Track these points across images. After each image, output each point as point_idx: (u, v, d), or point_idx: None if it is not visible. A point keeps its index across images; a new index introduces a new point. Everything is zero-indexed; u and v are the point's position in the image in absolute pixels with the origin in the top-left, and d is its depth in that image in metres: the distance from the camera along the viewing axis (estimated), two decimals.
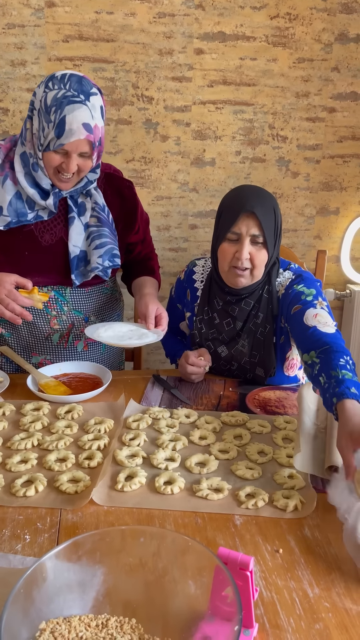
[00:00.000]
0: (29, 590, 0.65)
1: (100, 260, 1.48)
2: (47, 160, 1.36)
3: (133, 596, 0.74)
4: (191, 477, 1.08)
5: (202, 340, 1.58)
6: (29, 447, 1.17)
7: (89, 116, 1.31)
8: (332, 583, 0.82)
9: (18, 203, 1.42)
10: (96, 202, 1.51)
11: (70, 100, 1.29)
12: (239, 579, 0.69)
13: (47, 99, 1.30)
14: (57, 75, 1.33)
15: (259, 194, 1.43)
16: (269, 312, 1.49)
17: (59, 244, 1.49)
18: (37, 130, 1.34)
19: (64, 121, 1.29)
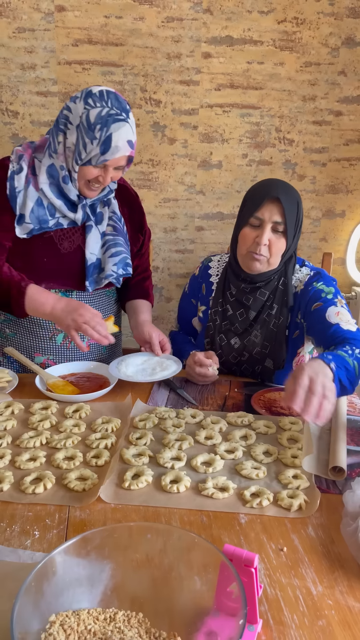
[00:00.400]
0: (40, 583, 0.67)
1: (115, 268, 1.53)
2: (83, 173, 1.41)
3: (140, 591, 0.75)
4: (197, 476, 1.09)
5: (215, 332, 1.60)
6: (38, 445, 1.19)
7: (131, 133, 1.38)
8: (335, 581, 0.84)
9: (40, 210, 1.45)
10: (114, 212, 1.57)
11: (115, 118, 1.35)
12: (243, 575, 0.71)
13: (89, 116, 1.35)
14: (94, 91, 1.37)
15: (286, 185, 1.48)
16: (283, 304, 1.53)
17: (76, 251, 1.53)
18: (73, 145, 1.38)
19: (110, 139, 1.35)
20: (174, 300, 2.52)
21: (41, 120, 2.19)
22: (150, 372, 1.49)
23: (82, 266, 1.54)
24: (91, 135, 1.35)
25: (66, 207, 1.46)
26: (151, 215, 2.38)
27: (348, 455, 1.15)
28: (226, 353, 1.59)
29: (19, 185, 1.44)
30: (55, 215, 1.47)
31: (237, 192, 2.38)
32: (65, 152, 1.41)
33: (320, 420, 1.09)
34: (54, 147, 1.42)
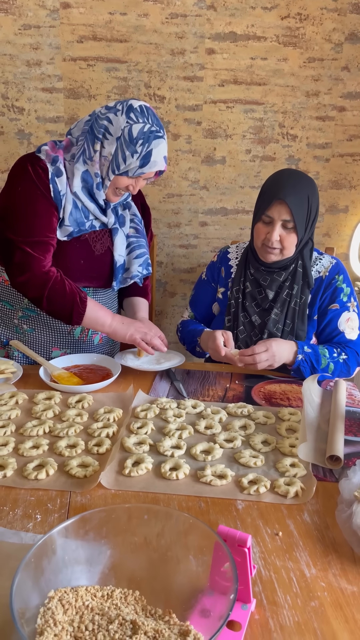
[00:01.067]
0: (39, 560, 0.69)
1: (140, 268, 1.64)
2: (117, 182, 1.49)
3: (137, 571, 0.78)
4: (196, 464, 1.12)
5: (238, 308, 1.67)
6: (41, 433, 1.22)
7: (165, 148, 1.47)
8: (328, 564, 0.86)
9: (77, 213, 1.51)
10: (134, 214, 1.67)
11: (155, 135, 1.44)
12: (237, 555, 0.73)
13: (132, 130, 1.41)
14: (135, 106, 1.43)
15: (295, 183, 1.53)
16: (305, 285, 1.62)
17: (107, 253, 1.61)
18: (110, 154, 1.44)
19: (150, 154, 1.43)
20: (177, 295, 2.54)
21: (47, 117, 2.21)
22: (156, 362, 1.57)
23: (110, 267, 1.63)
24: (132, 149, 1.42)
25: (99, 211, 1.54)
26: (155, 210, 2.40)
27: (345, 445, 1.17)
28: (247, 330, 1.66)
29: (62, 189, 1.47)
30: (89, 217, 1.54)
31: (240, 187, 2.39)
32: (101, 160, 1.46)
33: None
34: (89, 154, 1.46)
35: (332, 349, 1.56)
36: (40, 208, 1.46)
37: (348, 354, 1.58)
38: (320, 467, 1.12)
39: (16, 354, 1.66)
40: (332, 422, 1.24)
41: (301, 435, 1.17)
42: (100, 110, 1.47)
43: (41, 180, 1.46)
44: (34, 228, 1.46)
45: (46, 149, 1.49)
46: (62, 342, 1.66)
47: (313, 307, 1.64)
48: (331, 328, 1.62)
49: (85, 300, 1.49)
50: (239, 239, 2.47)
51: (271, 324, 1.61)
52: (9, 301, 1.64)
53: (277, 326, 1.62)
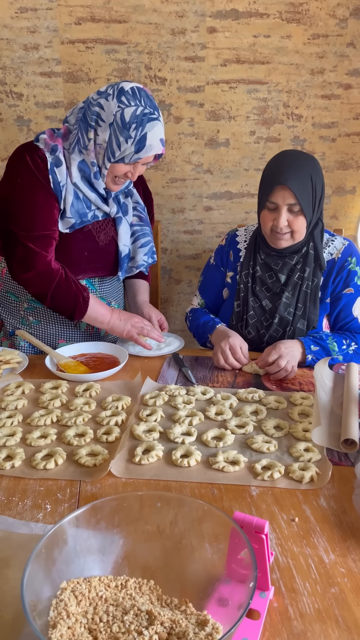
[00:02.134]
0: (50, 551, 0.67)
1: (145, 257, 1.62)
2: (114, 170, 1.44)
3: (151, 560, 0.75)
4: (207, 451, 1.09)
5: (247, 293, 1.63)
6: (48, 423, 1.20)
7: (162, 130, 1.42)
8: (347, 550, 0.83)
9: (78, 203, 1.47)
10: (137, 202, 1.63)
11: (149, 117, 1.38)
12: (254, 542, 0.70)
13: (124, 114, 1.36)
14: (127, 89, 1.37)
15: (295, 164, 1.49)
16: (317, 267, 1.58)
17: (111, 243, 1.58)
18: (104, 142, 1.39)
19: (145, 138, 1.38)
20: (183, 282, 2.51)
21: (46, 102, 2.17)
22: (156, 347, 1.57)
23: (116, 257, 1.60)
24: (126, 134, 1.37)
25: (100, 201, 1.51)
26: (158, 195, 2.36)
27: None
28: (258, 314, 1.63)
29: (62, 179, 1.44)
30: (91, 208, 1.50)
31: (245, 170, 2.34)
32: (95, 149, 1.42)
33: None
34: (83, 143, 1.43)
35: (342, 340, 1.52)
36: (41, 200, 1.43)
37: (359, 343, 1.54)
38: (335, 451, 1.09)
39: (22, 344, 1.63)
40: (346, 405, 1.21)
41: (315, 420, 1.14)
42: (92, 96, 1.42)
43: (40, 170, 1.42)
44: (35, 221, 1.43)
45: (44, 137, 1.45)
46: (68, 334, 1.64)
47: (325, 290, 1.60)
48: (345, 313, 1.58)
49: (87, 300, 1.49)
50: (245, 222, 2.43)
51: (282, 308, 1.58)
52: (14, 292, 1.62)
53: (289, 310, 1.58)
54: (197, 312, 1.75)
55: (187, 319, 1.77)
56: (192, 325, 1.73)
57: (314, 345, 1.49)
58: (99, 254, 1.56)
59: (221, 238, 2.31)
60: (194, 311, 1.76)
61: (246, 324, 1.63)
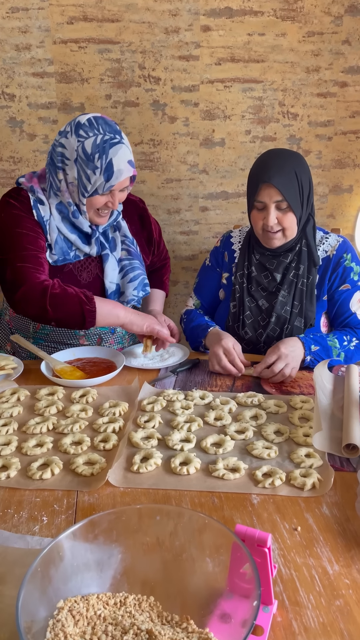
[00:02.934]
0: (46, 569, 0.65)
1: (135, 292, 1.56)
2: (91, 204, 1.44)
3: (151, 574, 0.73)
4: (207, 458, 1.07)
5: (243, 293, 1.62)
6: (44, 431, 1.17)
7: (129, 153, 1.41)
8: (352, 560, 0.81)
9: (62, 242, 1.48)
10: (125, 235, 1.60)
11: (110, 143, 1.37)
12: (257, 555, 0.68)
13: (85, 147, 1.36)
14: (83, 121, 1.38)
15: (278, 161, 1.48)
16: (311, 264, 1.57)
17: (95, 281, 1.55)
18: (75, 179, 1.40)
19: (112, 164, 1.37)
20: (180, 284, 2.49)
21: (38, 103, 2.14)
22: (160, 359, 1.54)
23: (101, 294, 1.56)
24: (92, 166, 1.36)
25: (80, 241, 1.49)
26: (154, 197, 2.33)
27: None
28: (254, 314, 1.61)
29: (45, 215, 1.46)
30: (72, 248, 1.50)
31: (241, 170, 2.32)
32: (69, 188, 1.43)
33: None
34: (56, 186, 1.44)
35: (342, 336, 1.51)
36: (26, 228, 1.43)
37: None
38: (337, 457, 1.07)
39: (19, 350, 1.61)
40: (347, 409, 1.19)
41: (315, 424, 1.12)
42: (56, 138, 1.44)
43: (24, 205, 1.45)
44: (21, 243, 1.41)
45: (23, 180, 1.49)
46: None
47: (322, 287, 1.59)
48: (343, 310, 1.57)
49: (92, 298, 1.39)
50: (242, 223, 2.40)
51: (279, 307, 1.56)
52: (21, 329, 1.60)
53: (285, 308, 1.57)
54: (192, 313, 1.72)
55: (182, 321, 1.75)
56: (186, 327, 1.70)
57: (314, 345, 1.46)
58: None
59: (217, 239, 2.29)
60: (188, 313, 1.74)
61: (243, 324, 1.61)
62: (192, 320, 1.68)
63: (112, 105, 2.19)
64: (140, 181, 2.30)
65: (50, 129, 2.19)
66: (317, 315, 1.59)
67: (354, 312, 1.57)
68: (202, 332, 1.58)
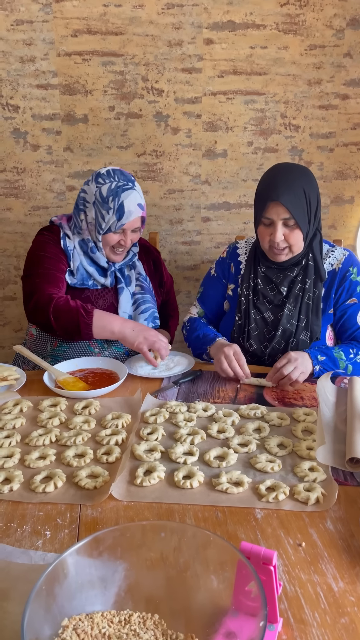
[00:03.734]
0: (51, 587, 0.64)
1: (146, 322, 1.69)
2: (106, 241, 1.62)
3: (155, 591, 0.73)
4: (210, 471, 1.07)
5: (249, 305, 1.63)
6: (47, 443, 1.17)
7: (139, 197, 1.60)
8: (357, 576, 0.81)
9: (83, 271, 1.65)
10: (140, 273, 1.77)
11: (123, 188, 1.57)
12: (262, 573, 0.68)
13: (101, 191, 1.57)
14: (102, 172, 1.60)
15: (287, 179, 1.48)
16: (317, 278, 1.58)
17: (110, 309, 1.69)
18: (93, 219, 1.60)
19: (123, 205, 1.56)
20: (182, 293, 2.49)
21: (42, 114, 2.16)
22: (165, 368, 1.54)
23: None
24: (106, 207, 1.57)
25: (97, 273, 1.66)
26: (156, 207, 2.34)
27: None
28: (260, 326, 1.62)
29: (70, 246, 1.65)
30: (90, 278, 1.67)
31: (243, 181, 2.33)
32: (88, 227, 1.63)
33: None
34: (78, 225, 1.65)
35: (348, 349, 1.51)
36: (51, 251, 1.62)
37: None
38: (340, 471, 1.07)
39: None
40: (350, 421, 1.19)
41: (319, 438, 1.12)
42: (81, 187, 1.65)
43: (54, 235, 1.65)
44: (43, 264, 1.60)
45: (55, 219, 1.71)
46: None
47: (328, 301, 1.59)
48: (350, 323, 1.58)
49: (91, 312, 1.49)
50: (243, 233, 2.41)
51: (285, 320, 1.57)
52: (38, 350, 1.67)
53: (291, 322, 1.57)
54: (196, 322, 1.72)
55: (185, 328, 1.75)
56: (189, 335, 1.70)
57: (320, 355, 1.47)
58: None
59: (220, 249, 2.30)
60: (192, 321, 1.74)
61: (248, 336, 1.61)
62: (195, 329, 1.68)
63: (115, 117, 2.21)
64: (143, 192, 2.31)
65: (53, 139, 2.21)
66: (323, 328, 1.59)
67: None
68: (209, 341, 1.59)
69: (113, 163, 2.26)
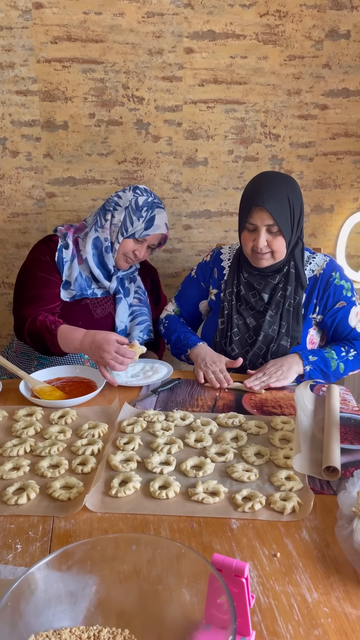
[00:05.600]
0: (17, 603, 0.63)
1: (141, 334, 1.75)
2: (124, 245, 1.69)
3: (127, 605, 0.72)
4: (187, 481, 1.06)
5: (231, 311, 1.64)
6: (22, 453, 1.15)
7: (166, 218, 1.73)
8: (331, 587, 0.80)
9: (81, 280, 1.70)
10: (139, 286, 1.84)
11: (157, 205, 1.70)
12: (234, 586, 0.67)
13: (138, 200, 1.67)
14: (140, 187, 1.73)
15: (272, 186, 1.51)
16: (298, 285, 1.60)
17: (107, 318, 1.74)
18: (119, 222, 1.67)
19: (154, 219, 1.67)
20: None
21: (21, 120, 2.14)
22: (144, 376, 1.53)
23: (112, 330, 1.74)
24: (138, 214, 1.66)
25: (103, 276, 1.71)
26: None
27: (341, 455, 1.12)
28: (242, 331, 1.63)
29: (67, 257, 1.70)
30: (92, 286, 1.72)
31: (223, 189, 2.34)
32: (110, 228, 1.69)
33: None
34: (100, 223, 1.71)
35: (340, 348, 1.55)
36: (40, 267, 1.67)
37: (358, 349, 1.57)
38: (317, 479, 1.07)
39: None
40: (327, 430, 1.19)
41: (295, 446, 1.12)
42: (110, 195, 1.75)
43: (48, 249, 1.70)
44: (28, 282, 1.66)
45: (60, 228, 1.76)
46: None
47: (308, 306, 1.61)
48: (343, 327, 1.60)
49: (54, 332, 1.52)
50: (224, 241, 2.42)
51: (266, 326, 1.59)
52: (26, 352, 1.74)
53: (273, 327, 1.59)
54: (175, 321, 1.75)
55: (162, 324, 1.77)
56: (167, 332, 1.73)
57: (312, 356, 1.50)
58: (94, 325, 1.67)
59: (200, 257, 2.29)
60: (170, 318, 1.76)
61: (230, 340, 1.62)
62: (176, 330, 1.71)
63: (95, 124, 2.20)
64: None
65: (33, 146, 2.19)
66: (304, 333, 1.61)
67: (354, 327, 1.59)
68: (190, 344, 1.63)
69: (93, 170, 2.25)
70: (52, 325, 1.53)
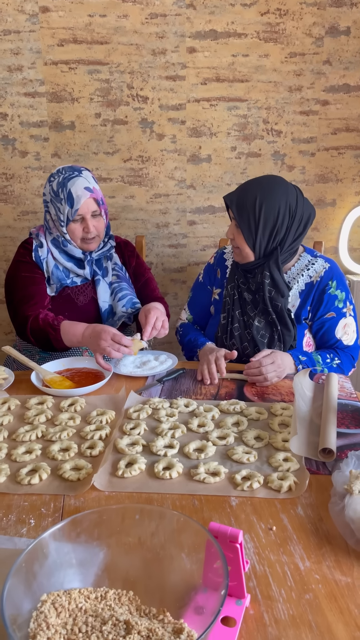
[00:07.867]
0: (31, 565, 0.69)
1: (124, 308, 1.75)
2: (71, 232, 1.69)
3: (132, 572, 0.77)
4: (189, 463, 1.12)
5: (233, 305, 1.70)
6: (34, 438, 1.22)
7: (85, 182, 1.66)
8: (322, 557, 0.86)
9: (58, 272, 1.74)
10: (115, 263, 1.84)
11: (68, 178, 1.66)
12: (229, 551, 0.73)
13: (52, 187, 1.68)
14: (54, 171, 1.72)
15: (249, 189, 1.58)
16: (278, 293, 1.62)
17: (90, 303, 1.77)
18: (54, 215, 1.69)
19: (71, 193, 1.64)
20: (169, 295, 2.54)
21: (30, 121, 2.21)
22: (149, 366, 1.58)
23: (97, 314, 1.78)
24: (58, 199, 1.66)
25: (76, 267, 1.74)
26: (143, 211, 2.40)
27: (337, 438, 1.17)
28: (242, 327, 1.68)
29: (43, 255, 1.74)
30: (69, 275, 1.75)
31: (227, 185, 2.39)
32: (55, 225, 1.72)
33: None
34: (46, 225, 1.76)
35: (325, 354, 1.60)
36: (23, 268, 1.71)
37: (342, 359, 1.61)
38: (314, 461, 1.12)
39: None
40: (324, 415, 1.24)
41: (293, 429, 1.17)
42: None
43: (27, 251, 1.75)
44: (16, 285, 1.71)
45: (33, 230, 1.80)
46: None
47: (302, 311, 1.65)
48: (329, 337, 1.65)
49: (57, 327, 1.57)
50: None
51: (255, 331, 1.64)
52: (28, 348, 1.78)
53: (262, 333, 1.64)
54: (187, 327, 1.82)
55: (178, 333, 1.85)
56: (182, 340, 1.81)
57: (302, 356, 1.56)
58: (78, 313, 1.73)
59: (206, 252, 2.35)
60: (183, 326, 1.84)
61: (231, 335, 1.67)
62: (187, 334, 1.78)
63: (101, 124, 2.26)
64: (130, 196, 2.36)
65: (41, 146, 2.26)
66: (300, 335, 1.65)
67: (339, 339, 1.64)
68: (199, 345, 1.69)
69: (100, 169, 2.31)
70: (55, 322, 1.58)
